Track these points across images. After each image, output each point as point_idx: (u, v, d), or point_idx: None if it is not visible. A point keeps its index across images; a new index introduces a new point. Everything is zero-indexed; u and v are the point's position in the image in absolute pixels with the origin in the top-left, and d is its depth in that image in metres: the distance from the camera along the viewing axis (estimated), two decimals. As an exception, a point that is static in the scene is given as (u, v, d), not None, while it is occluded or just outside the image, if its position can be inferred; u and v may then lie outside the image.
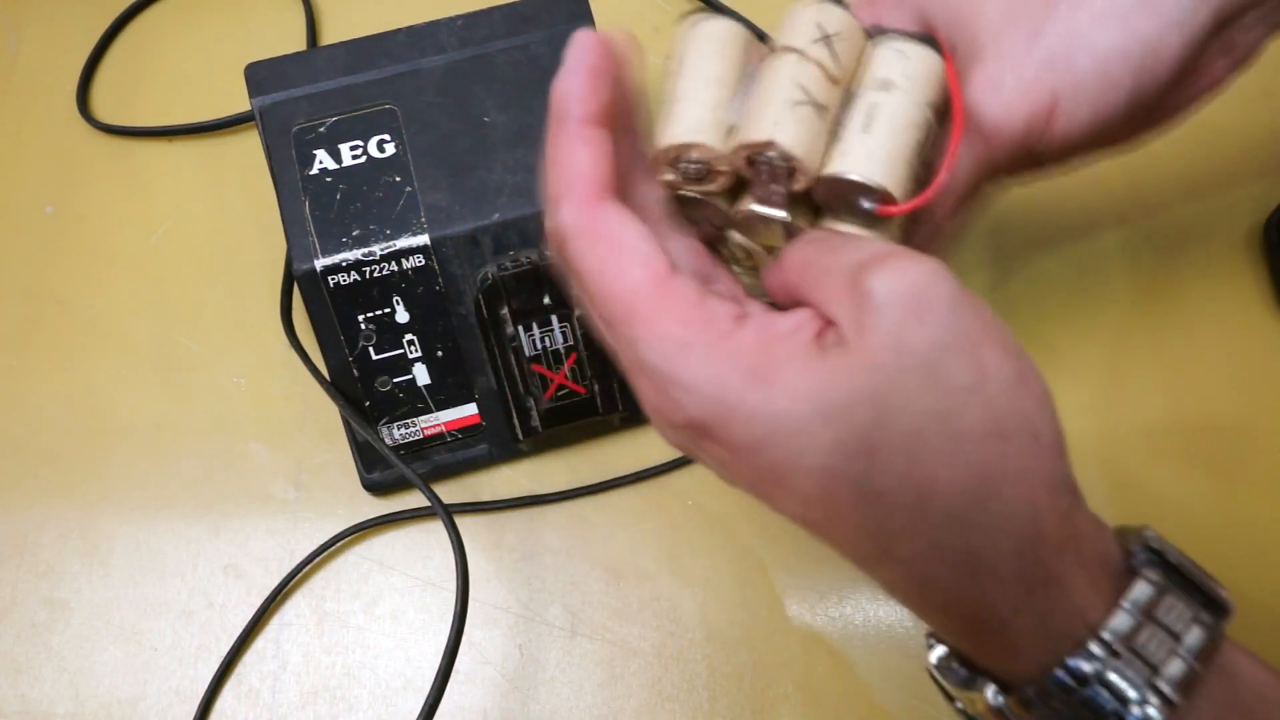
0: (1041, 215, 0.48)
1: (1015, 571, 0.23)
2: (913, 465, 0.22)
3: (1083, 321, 0.46)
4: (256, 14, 0.55)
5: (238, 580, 0.43)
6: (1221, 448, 0.43)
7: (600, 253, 0.24)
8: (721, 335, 0.23)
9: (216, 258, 0.49)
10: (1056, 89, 0.29)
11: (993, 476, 0.23)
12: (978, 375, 0.23)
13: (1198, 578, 0.25)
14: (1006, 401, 0.23)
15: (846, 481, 0.23)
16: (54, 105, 0.53)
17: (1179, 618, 0.24)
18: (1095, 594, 0.24)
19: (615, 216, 0.24)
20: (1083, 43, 0.29)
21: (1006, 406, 0.23)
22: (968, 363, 0.23)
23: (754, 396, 0.23)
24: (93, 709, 0.41)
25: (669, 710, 0.40)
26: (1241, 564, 0.41)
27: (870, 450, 0.22)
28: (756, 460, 0.23)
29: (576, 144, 0.24)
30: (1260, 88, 0.50)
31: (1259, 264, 0.46)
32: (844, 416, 0.22)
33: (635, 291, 0.24)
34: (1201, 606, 0.24)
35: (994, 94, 0.29)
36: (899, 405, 0.22)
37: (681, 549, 0.43)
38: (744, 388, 0.23)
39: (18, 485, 0.45)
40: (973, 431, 0.23)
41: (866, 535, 0.24)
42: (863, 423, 0.22)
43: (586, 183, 0.24)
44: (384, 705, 0.41)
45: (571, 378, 0.41)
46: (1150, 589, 0.24)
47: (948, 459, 0.22)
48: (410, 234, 0.39)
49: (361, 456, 0.43)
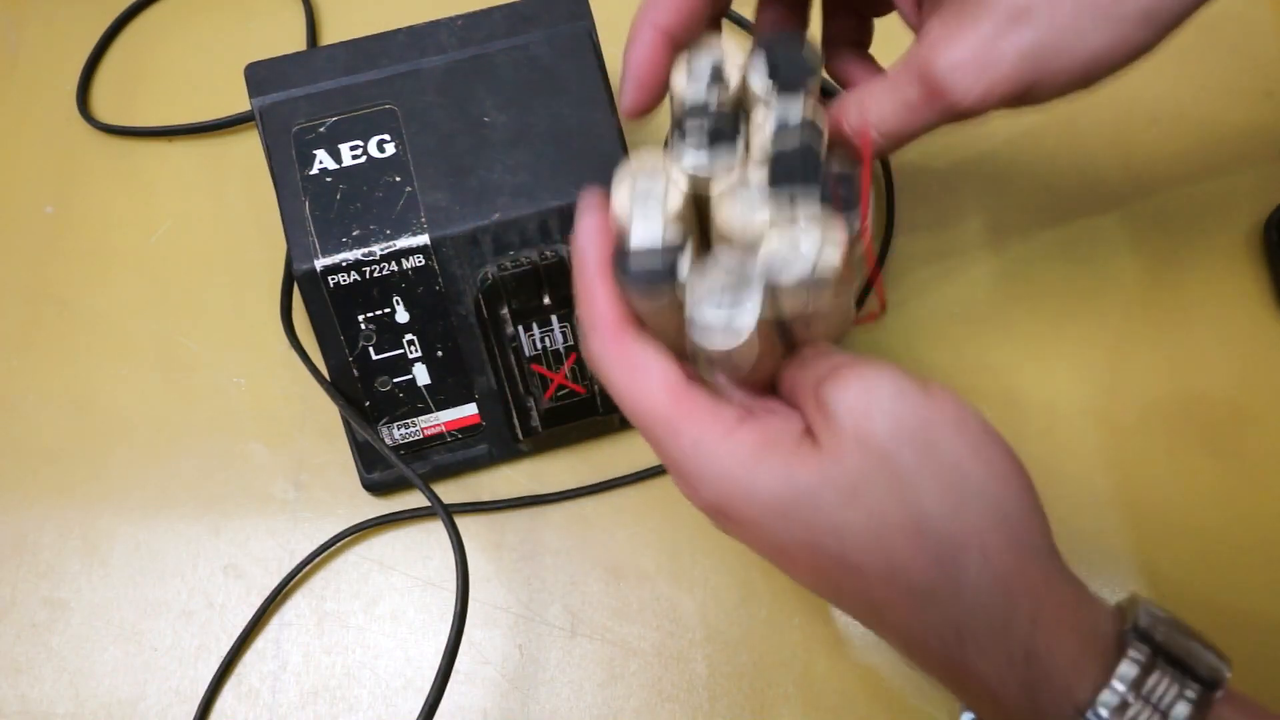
0: (1042, 214, 0.48)
1: (994, 643, 0.25)
2: (879, 543, 0.26)
3: (1083, 321, 0.46)
4: (256, 14, 0.55)
5: (238, 580, 0.43)
6: (1222, 448, 0.43)
7: (625, 376, 0.28)
8: (726, 433, 0.27)
9: (216, 258, 0.49)
10: (1034, 79, 0.29)
11: (957, 553, 0.25)
12: (931, 461, 0.26)
13: (1184, 652, 0.25)
14: (966, 482, 0.26)
15: (827, 557, 0.26)
16: (54, 105, 0.53)
17: (1165, 692, 0.25)
18: (1081, 670, 0.25)
19: (634, 344, 0.28)
20: (1070, 41, 0.28)
21: (967, 487, 0.26)
22: (919, 451, 0.26)
23: (748, 485, 0.27)
24: (93, 709, 0.41)
25: (669, 710, 0.40)
26: (1243, 562, 0.41)
27: (839, 530, 0.26)
28: (760, 536, 0.27)
29: (596, 286, 0.29)
30: (1261, 89, 0.50)
31: (1259, 264, 0.46)
32: (814, 501, 0.26)
33: (656, 405, 0.28)
34: (1191, 679, 0.25)
35: (968, 77, 0.29)
36: (862, 490, 0.26)
37: (681, 549, 0.43)
38: (742, 477, 0.27)
39: (18, 485, 0.45)
40: (930, 512, 0.25)
41: (859, 605, 0.27)
42: (830, 506, 0.26)
43: (607, 318, 0.29)
44: (384, 705, 0.41)
45: (571, 378, 0.41)
46: (1135, 668, 0.25)
47: (910, 538, 0.25)
48: (410, 234, 0.39)
49: (361, 456, 0.43)
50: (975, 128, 0.31)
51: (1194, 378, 0.44)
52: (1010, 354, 0.45)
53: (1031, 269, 0.47)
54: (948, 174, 0.49)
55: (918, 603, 0.26)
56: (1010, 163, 0.49)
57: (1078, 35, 0.28)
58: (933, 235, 0.48)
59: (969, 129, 0.31)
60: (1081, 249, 0.47)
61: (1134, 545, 0.42)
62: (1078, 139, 0.49)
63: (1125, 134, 0.49)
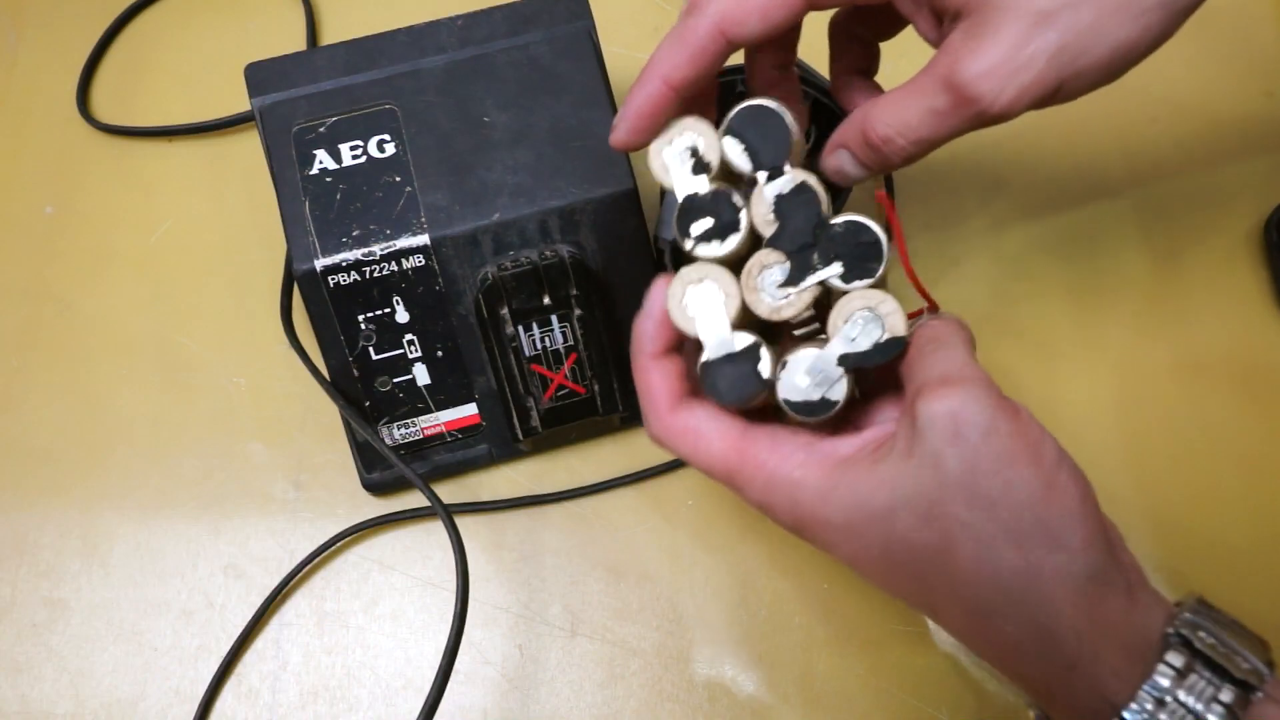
0: (1043, 215, 0.48)
1: (1041, 655, 0.28)
2: (945, 560, 0.28)
3: (1084, 321, 0.46)
4: (256, 14, 0.55)
5: (238, 580, 0.43)
6: (1222, 447, 0.43)
7: (688, 445, 0.31)
8: (794, 465, 0.30)
9: (216, 258, 0.49)
10: (1063, 79, 0.29)
11: (1014, 578, 0.27)
12: (1004, 492, 0.27)
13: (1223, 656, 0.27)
14: (1030, 512, 0.27)
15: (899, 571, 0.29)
16: (54, 105, 0.53)
17: (1201, 697, 0.26)
18: (1122, 676, 0.27)
19: (687, 416, 0.31)
20: (1096, 39, 0.29)
21: (1029, 517, 0.27)
22: (996, 481, 0.27)
23: (822, 511, 0.29)
24: (93, 709, 0.41)
25: (669, 710, 0.40)
26: (1242, 562, 0.41)
27: (913, 549, 0.28)
28: (838, 552, 0.30)
29: (651, 372, 0.32)
30: (1262, 89, 0.50)
31: (1259, 264, 0.46)
32: (889, 522, 0.28)
33: (722, 464, 0.31)
34: (1226, 683, 0.27)
35: (997, 83, 0.29)
36: (935, 514, 0.27)
37: (681, 549, 0.43)
38: (815, 504, 0.29)
39: (18, 485, 0.45)
40: (994, 538, 0.27)
41: (924, 608, 0.30)
42: (905, 528, 0.28)
43: (662, 399, 0.31)
44: (384, 705, 0.41)
45: (571, 378, 0.41)
46: (1171, 673, 0.27)
47: (973, 560, 0.27)
48: (410, 234, 0.39)
49: (361, 456, 0.43)
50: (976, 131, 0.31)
51: (1194, 377, 0.44)
52: (1013, 354, 0.45)
53: (1033, 269, 0.47)
54: (949, 176, 0.49)
55: (976, 620, 0.29)
56: (1011, 164, 0.49)
57: (1102, 32, 0.29)
58: (934, 236, 0.48)
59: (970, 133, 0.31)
60: (1082, 249, 0.47)
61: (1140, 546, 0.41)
62: (1078, 139, 0.49)
63: (1126, 134, 0.49)
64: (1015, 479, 0.27)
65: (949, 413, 0.27)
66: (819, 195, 0.30)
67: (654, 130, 0.32)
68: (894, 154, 0.32)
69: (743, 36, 0.31)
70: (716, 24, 0.31)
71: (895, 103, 0.31)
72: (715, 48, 0.31)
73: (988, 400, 0.28)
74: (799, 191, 0.30)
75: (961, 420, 0.27)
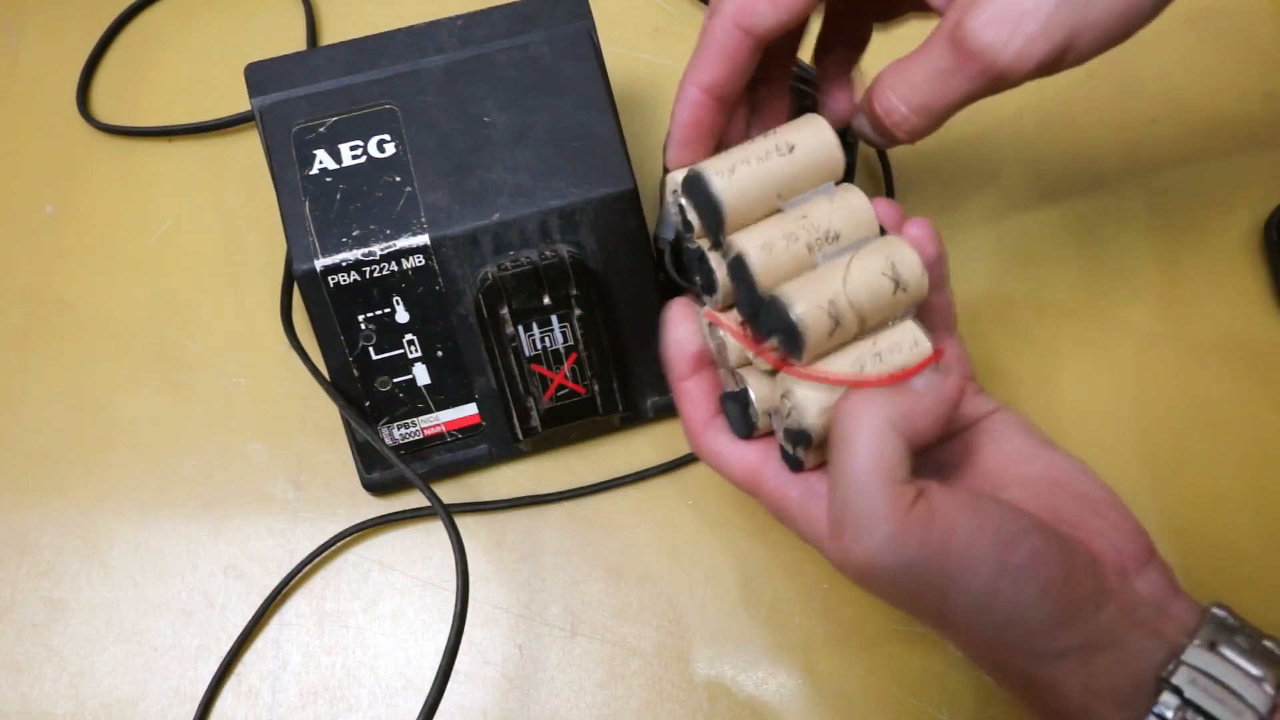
0: (1043, 214, 0.48)
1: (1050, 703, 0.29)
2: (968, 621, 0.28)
3: (1085, 321, 0.46)
4: (256, 14, 0.55)
5: (238, 580, 0.43)
6: (1223, 446, 0.43)
7: (715, 465, 0.34)
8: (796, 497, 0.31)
9: (216, 258, 0.49)
10: (1073, 30, 0.28)
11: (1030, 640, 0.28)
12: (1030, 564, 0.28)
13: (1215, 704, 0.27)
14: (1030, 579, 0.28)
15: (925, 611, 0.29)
16: (54, 105, 0.53)
17: None
18: None
19: (712, 442, 0.34)
20: None
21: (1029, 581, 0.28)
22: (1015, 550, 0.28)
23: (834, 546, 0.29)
24: (93, 709, 0.41)
25: (669, 710, 0.40)
26: (1242, 562, 0.41)
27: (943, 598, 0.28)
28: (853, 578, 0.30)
29: (681, 396, 0.34)
30: (1262, 89, 0.50)
31: (1259, 264, 0.46)
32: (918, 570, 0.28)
33: (743, 484, 0.33)
34: None
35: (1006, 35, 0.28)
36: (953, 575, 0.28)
37: (681, 549, 0.43)
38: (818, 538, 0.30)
39: (18, 485, 0.45)
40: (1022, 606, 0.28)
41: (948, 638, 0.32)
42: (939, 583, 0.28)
43: (691, 422, 0.34)
44: (384, 705, 0.41)
45: (571, 378, 0.41)
46: None
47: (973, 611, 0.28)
48: (410, 234, 0.39)
49: (361, 456, 0.43)
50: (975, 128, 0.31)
51: (1194, 377, 0.44)
52: (1013, 353, 0.45)
53: (1032, 269, 0.47)
54: (948, 173, 0.49)
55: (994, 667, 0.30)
56: (1010, 162, 0.49)
57: None
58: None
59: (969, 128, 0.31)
60: (1082, 250, 0.47)
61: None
62: (1078, 138, 0.49)
63: (1125, 134, 0.49)
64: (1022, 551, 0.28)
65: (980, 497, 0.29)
66: (750, 270, 0.30)
67: (702, 140, 0.32)
68: (896, 127, 0.31)
69: (760, 27, 0.31)
70: (733, 19, 0.31)
71: (903, 65, 0.31)
72: (735, 44, 0.31)
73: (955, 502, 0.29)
74: (735, 264, 0.30)
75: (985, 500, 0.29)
